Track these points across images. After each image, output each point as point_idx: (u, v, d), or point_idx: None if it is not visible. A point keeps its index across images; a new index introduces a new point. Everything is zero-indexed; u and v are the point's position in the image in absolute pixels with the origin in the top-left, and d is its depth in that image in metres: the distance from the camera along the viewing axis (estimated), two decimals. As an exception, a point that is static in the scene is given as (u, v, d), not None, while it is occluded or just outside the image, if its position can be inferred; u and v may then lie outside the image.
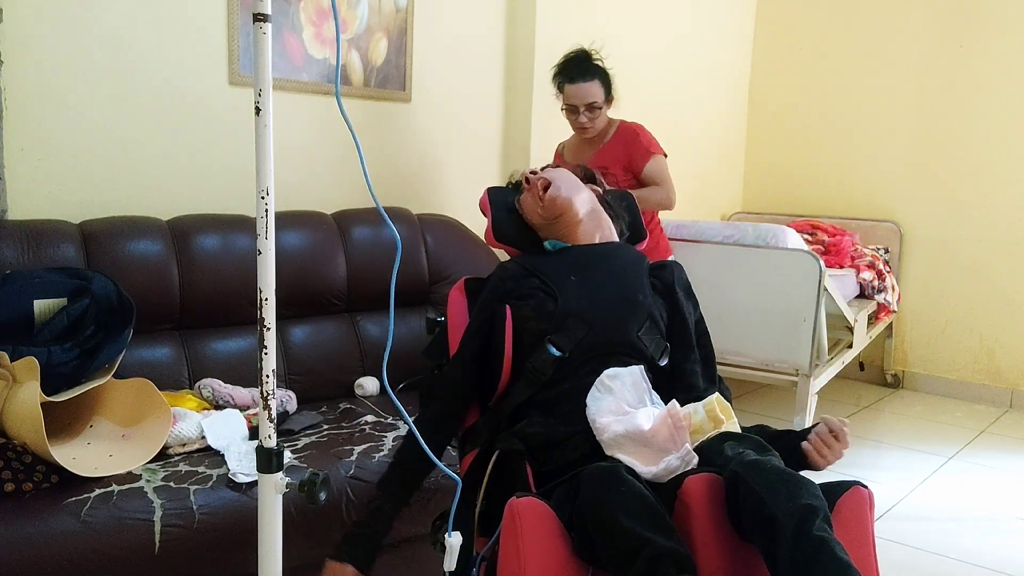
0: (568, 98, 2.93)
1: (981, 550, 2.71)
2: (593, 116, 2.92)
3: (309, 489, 1.35)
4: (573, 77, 2.89)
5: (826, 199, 4.80)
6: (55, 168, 2.36)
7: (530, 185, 1.89)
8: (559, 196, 1.83)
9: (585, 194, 1.88)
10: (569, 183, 1.87)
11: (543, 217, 1.85)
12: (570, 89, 2.91)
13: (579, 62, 2.92)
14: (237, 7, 2.63)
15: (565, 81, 2.92)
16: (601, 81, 2.90)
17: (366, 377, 2.58)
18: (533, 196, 1.87)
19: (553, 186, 1.84)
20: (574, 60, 2.93)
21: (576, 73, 2.89)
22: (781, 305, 3.10)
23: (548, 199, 1.83)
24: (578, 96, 2.89)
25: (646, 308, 1.72)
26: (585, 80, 2.88)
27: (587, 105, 2.90)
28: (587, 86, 2.88)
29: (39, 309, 2.00)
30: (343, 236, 2.69)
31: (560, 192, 1.83)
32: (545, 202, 1.83)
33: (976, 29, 4.27)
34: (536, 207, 1.86)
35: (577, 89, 2.89)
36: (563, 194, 1.83)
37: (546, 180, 1.86)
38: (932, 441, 3.77)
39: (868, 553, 1.36)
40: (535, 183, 1.87)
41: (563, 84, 2.93)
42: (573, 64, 2.92)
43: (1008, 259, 4.28)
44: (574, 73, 2.90)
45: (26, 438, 1.76)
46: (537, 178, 1.88)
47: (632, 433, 1.51)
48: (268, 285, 1.30)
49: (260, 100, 1.27)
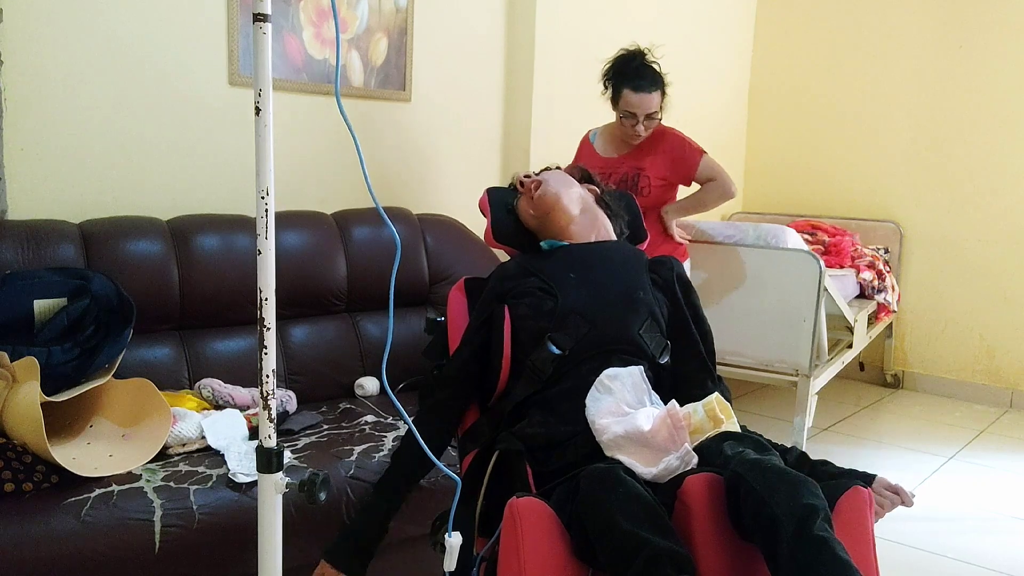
0: (629, 106, 2.75)
1: (981, 550, 2.71)
2: (650, 125, 2.80)
3: (309, 489, 1.35)
4: (640, 85, 2.72)
5: (826, 199, 4.80)
6: (55, 168, 2.36)
7: (524, 188, 1.93)
8: (547, 192, 1.87)
9: (576, 192, 1.91)
10: (559, 181, 1.91)
11: (535, 217, 1.89)
12: (633, 98, 2.73)
13: (642, 67, 2.75)
14: (237, 7, 2.63)
15: (628, 88, 2.74)
16: (662, 90, 2.77)
17: (366, 377, 2.58)
18: (526, 198, 1.92)
19: (543, 184, 1.89)
20: (636, 63, 2.76)
21: (641, 80, 2.72)
22: (781, 305, 3.10)
23: (537, 196, 1.88)
24: (641, 106, 2.74)
25: (647, 305, 1.73)
26: (650, 90, 2.72)
27: (647, 115, 2.76)
28: (650, 97, 2.73)
29: (39, 309, 2.00)
30: (343, 236, 2.69)
31: (548, 188, 1.87)
32: (535, 199, 1.88)
33: (976, 30, 4.27)
34: (528, 208, 1.90)
35: (641, 99, 2.72)
36: (551, 189, 1.87)
37: (537, 181, 1.91)
38: (932, 441, 3.77)
39: (868, 553, 1.36)
40: (528, 185, 1.92)
41: (623, 89, 2.75)
42: (636, 68, 2.75)
43: (1008, 259, 4.28)
44: (640, 81, 2.72)
45: (26, 438, 1.76)
46: (530, 181, 1.93)
47: (632, 434, 1.51)
48: (268, 285, 1.31)
49: (260, 100, 1.27)
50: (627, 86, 2.75)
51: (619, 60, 2.82)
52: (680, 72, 4.41)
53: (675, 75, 4.35)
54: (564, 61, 3.57)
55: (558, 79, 3.55)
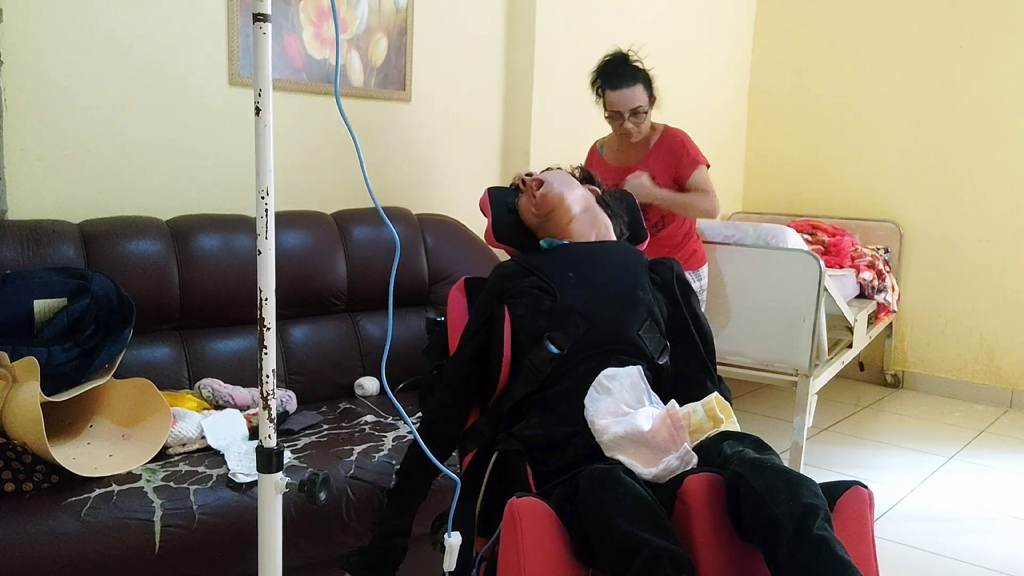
0: (611, 104, 2.79)
1: (981, 550, 2.71)
2: (638, 121, 2.79)
3: (309, 489, 1.35)
4: (615, 83, 2.75)
5: (826, 199, 4.80)
6: (55, 168, 2.36)
7: (526, 187, 1.93)
8: (550, 191, 1.87)
9: (579, 191, 1.91)
10: (562, 181, 1.91)
11: (537, 216, 1.89)
12: (612, 96, 2.77)
13: (619, 65, 2.77)
14: (237, 7, 2.63)
15: (606, 87, 2.78)
16: (644, 84, 2.77)
17: (366, 377, 2.58)
18: (528, 196, 1.92)
19: (546, 184, 1.89)
20: (614, 64, 2.79)
21: (618, 78, 2.75)
22: (781, 305, 3.10)
23: (540, 195, 1.88)
24: (622, 102, 2.76)
25: (646, 305, 1.73)
26: (628, 85, 2.74)
27: (632, 111, 2.76)
28: (630, 92, 2.74)
29: (39, 309, 2.00)
30: (343, 236, 2.69)
31: (552, 188, 1.87)
32: (537, 198, 1.88)
33: (976, 29, 4.27)
34: (530, 207, 1.90)
35: (620, 95, 2.75)
36: (554, 189, 1.87)
37: (540, 180, 1.91)
38: (932, 441, 3.77)
39: (868, 553, 1.36)
40: (530, 184, 1.92)
41: (604, 90, 2.79)
42: (613, 68, 2.78)
43: (1008, 259, 4.28)
44: (616, 78, 2.75)
45: (26, 438, 1.76)
46: (532, 180, 1.93)
47: (631, 434, 1.50)
48: (268, 285, 1.31)
49: (260, 100, 1.27)
50: (607, 86, 2.79)
51: (600, 65, 2.84)
52: (680, 72, 4.43)
53: (675, 75, 4.38)
54: (564, 61, 3.57)
55: (558, 79, 3.55)
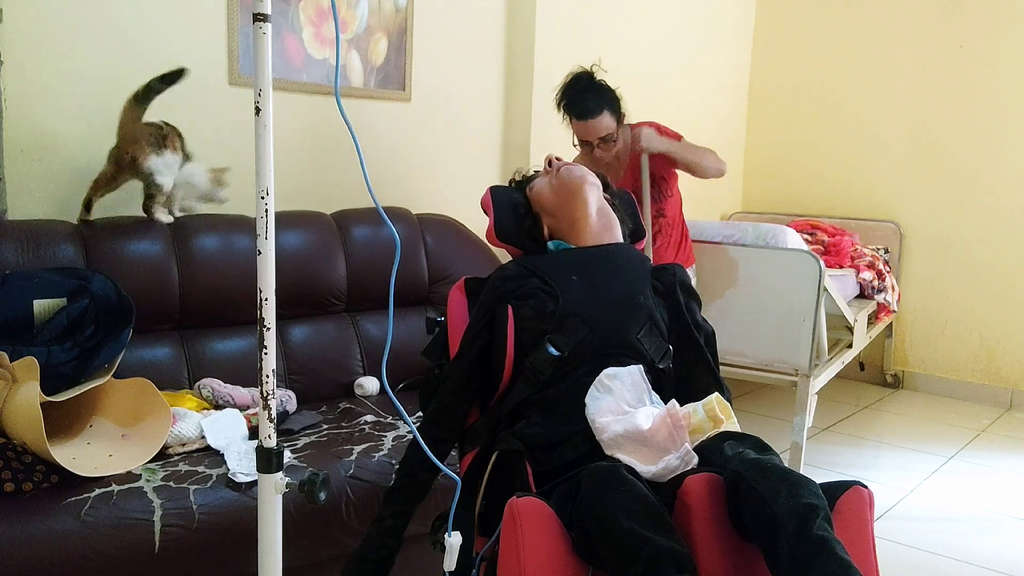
0: (580, 134, 2.76)
1: (981, 550, 2.71)
2: (608, 148, 2.76)
3: (309, 489, 1.35)
4: (583, 112, 2.69)
5: (826, 199, 4.80)
6: (55, 168, 2.36)
7: (552, 168, 1.92)
8: (573, 174, 1.87)
9: (599, 191, 1.91)
10: (586, 171, 1.91)
11: (553, 199, 1.87)
12: (579, 126, 2.73)
13: (584, 91, 2.70)
14: (237, 7, 2.63)
15: (573, 116, 2.73)
16: (610, 109, 2.71)
17: (366, 377, 2.58)
18: (549, 176, 1.91)
19: (570, 168, 1.89)
20: (578, 89, 2.72)
21: (584, 109, 2.69)
22: (781, 305, 3.10)
23: (563, 171, 1.87)
24: (590, 133, 2.72)
25: (647, 310, 1.72)
26: (593, 116, 2.68)
27: (600, 139, 2.73)
28: (596, 122, 2.69)
29: (39, 309, 2.00)
30: (343, 236, 2.69)
31: (573, 172, 1.87)
32: (559, 175, 1.87)
33: (976, 29, 4.27)
34: (549, 187, 1.89)
35: (587, 126, 2.71)
36: (577, 172, 1.88)
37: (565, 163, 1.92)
38: (932, 441, 3.77)
39: (868, 553, 1.36)
40: (556, 166, 1.91)
41: (571, 118, 2.75)
42: (578, 96, 2.71)
43: (1008, 259, 4.28)
44: (582, 109, 2.70)
45: (26, 438, 1.76)
46: (560, 164, 1.92)
47: (631, 433, 1.50)
48: (268, 285, 1.30)
49: (260, 100, 1.27)
50: (572, 114, 2.75)
51: (564, 87, 2.77)
52: (680, 72, 4.44)
53: (675, 75, 4.39)
54: (564, 61, 3.55)
55: (558, 79, 3.53)
